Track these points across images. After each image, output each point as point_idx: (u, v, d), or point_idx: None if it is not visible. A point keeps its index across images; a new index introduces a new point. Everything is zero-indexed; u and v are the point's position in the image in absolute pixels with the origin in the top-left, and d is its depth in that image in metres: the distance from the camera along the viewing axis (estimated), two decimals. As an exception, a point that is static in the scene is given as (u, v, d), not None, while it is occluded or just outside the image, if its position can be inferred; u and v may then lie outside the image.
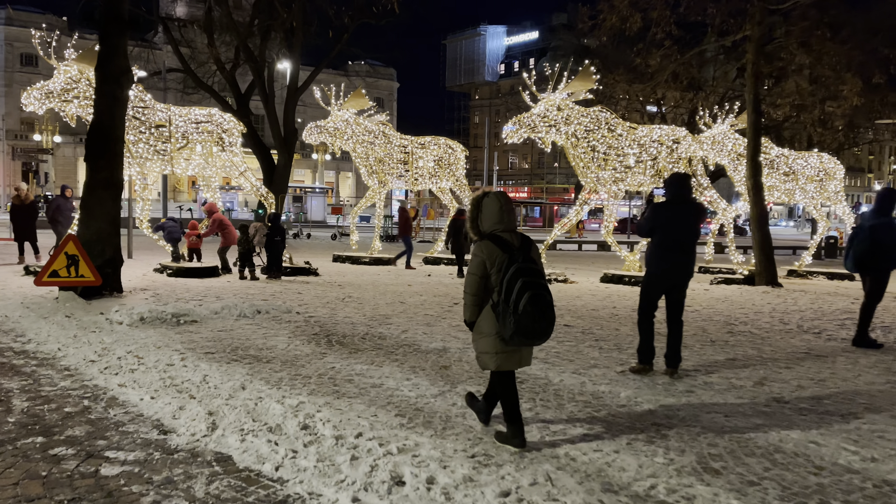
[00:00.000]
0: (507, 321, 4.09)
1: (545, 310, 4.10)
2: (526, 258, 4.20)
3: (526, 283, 4.07)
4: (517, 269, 4.11)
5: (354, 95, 17.60)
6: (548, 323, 4.13)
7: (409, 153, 18.39)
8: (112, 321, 8.45)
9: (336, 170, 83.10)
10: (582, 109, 14.77)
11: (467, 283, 4.36)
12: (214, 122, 14.54)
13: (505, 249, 4.19)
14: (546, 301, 4.13)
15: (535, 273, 4.17)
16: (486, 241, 4.27)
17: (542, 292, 4.13)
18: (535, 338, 4.14)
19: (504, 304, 4.12)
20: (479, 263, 4.26)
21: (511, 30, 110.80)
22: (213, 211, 14.59)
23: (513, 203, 4.48)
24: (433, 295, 12.05)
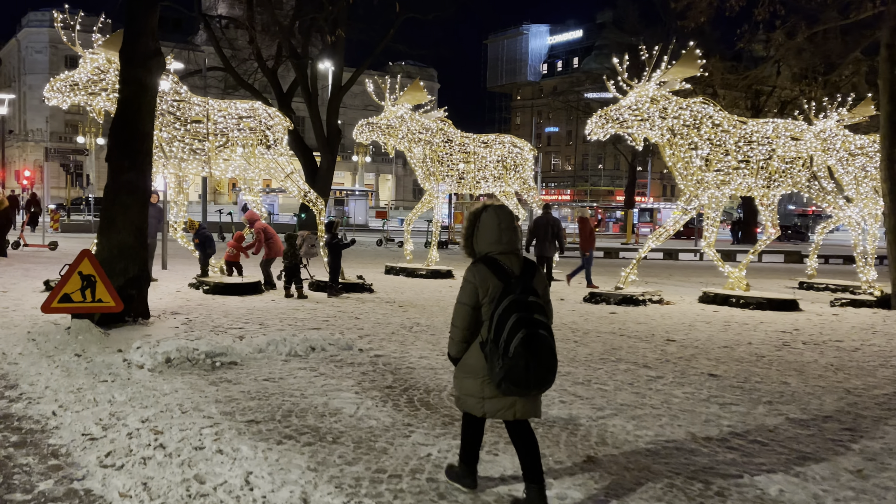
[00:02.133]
0: (496, 365, 3.46)
1: (542, 354, 3.42)
2: (525, 288, 3.52)
3: (521, 320, 3.41)
4: (511, 301, 3.45)
5: (411, 88, 15.72)
6: (546, 370, 3.46)
7: (471, 153, 16.44)
8: (131, 364, 6.65)
9: (376, 171, 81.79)
10: (681, 101, 12.62)
11: (455, 314, 3.73)
12: (258, 118, 12.80)
13: (500, 276, 3.55)
14: (544, 343, 3.44)
15: (533, 307, 3.48)
16: (480, 264, 3.64)
17: (540, 331, 3.44)
18: (528, 387, 3.47)
19: (493, 343, 3.47)
20: (471, 291, 3.64)
21: (554, 28, 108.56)
22: (254, 220, 12.84)
23: (515, 220, 3.83)
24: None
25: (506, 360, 3.38)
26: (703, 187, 12.59)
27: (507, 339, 3.38)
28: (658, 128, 12.54)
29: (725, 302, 12.65)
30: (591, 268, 15.48)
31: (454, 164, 16.35)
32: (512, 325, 3.39)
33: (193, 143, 12.30)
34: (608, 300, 12.39)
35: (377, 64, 53.06)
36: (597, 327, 9.64)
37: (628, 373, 6.92)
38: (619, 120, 12.55)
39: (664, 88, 12.61)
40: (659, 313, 11.35)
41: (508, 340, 3.38)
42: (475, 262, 3.68)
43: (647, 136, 12.82)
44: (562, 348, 8.02)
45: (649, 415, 5.50)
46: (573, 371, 6.92)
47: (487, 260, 3.63)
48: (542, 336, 3.44)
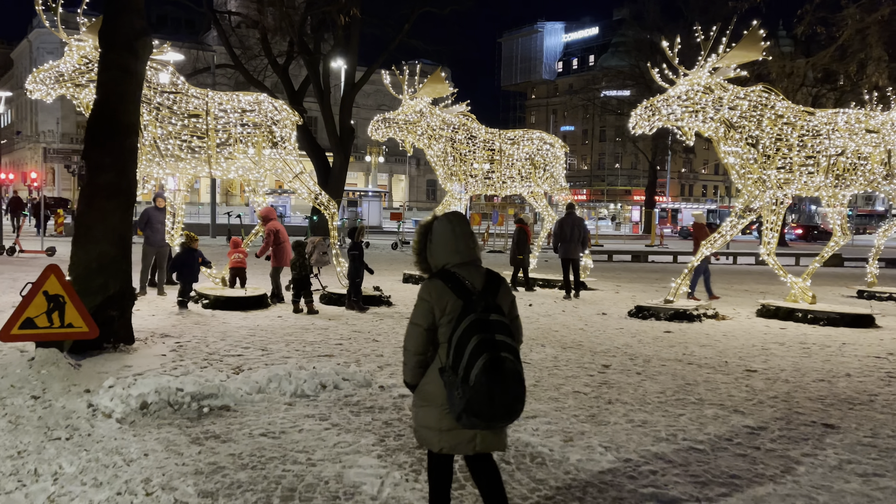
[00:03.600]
0: (455, 394, 2.98)
1: (507, 381, 2.94)
2: (489, 306, 3.06)
3: (483, 343, 2.94)
4: (472, 322, 2.98)
5: (431, 80, 14.36)
6: (513, 399, 2.99)
7: (496, 150, 15.05)
8: (97, 410, 5.33)
9: (389, 172, 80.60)
10: (738, 90, 11.15)
11: (407, 336, 3.25)
12: (263, 112, 11.48)
13: (460, 293, 3.09)
14: (509, 368, 2.95)
15: (496, 327, 3.00)
16: (436, 279, 3.17)
17: (505, 355, 2.96)
18: (492, 420, 2.99)
19: (451, 370, 3.00)
20: (425, 310, 3.15)
21: (569, 26, 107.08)
22: (269, 217, 11.54)
23: (470, 227, 3.30)
24: (561, 345, 8.63)
25: (466, 389, 2.95)
26: (763, 187, 11.12)
27: (467, 365, 2.96)
28: (712, 120, 11.09)
29: (790, 316, 11.17)
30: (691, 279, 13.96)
31: (479, 163, 14.98)
32: (473, 350, 2.95)
33: (192, 139, 11.01)
34: (658, 315, 10.96)
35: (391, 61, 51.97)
36: (657, 352, 8.22)
37: (719, 421, 5.51)
38: (667, 112, 11.12)
39: (717, 75, 11.16)
40: (719, 331, 9.90)
41: (469, 367, 2.95)
42: (430, 278, 3.24)
43: (699, 130, 11.37)
44: (625, 383, 6.60)
45: (775, 496, 4.09)
46: (650, 419, 5.51)
47: (444, 274, 3.20)
48: (507, 360, 2.98)
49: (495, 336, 2.99)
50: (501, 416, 3.01)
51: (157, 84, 10.87)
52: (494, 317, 3.05)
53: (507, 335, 3.04)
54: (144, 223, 11.60)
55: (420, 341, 3.20)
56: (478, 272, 3.23)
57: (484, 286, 3.17)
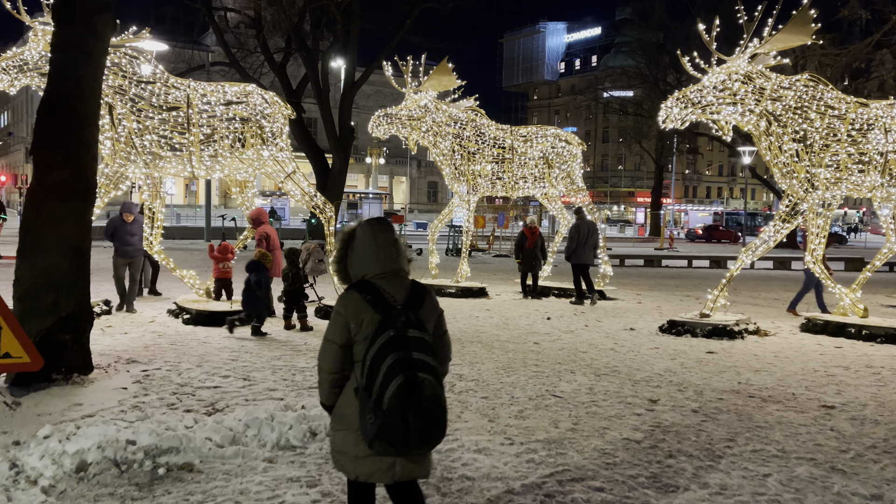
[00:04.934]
0: (367, 418, 2.71)
1: (425, 405, 2.67)
2: (409, 321, 2.79)
3: (399, 363, 2.68)
4: (389, 339, 2.72)
5: (437, 72, 13.19)
6: (432, 425, 2.70)
7: (507, 149, 13.88)
8: (21, 473, 4.15)
9: (390, 174, 79.46)
10: (782, 79, 9.98)
11: (321, 353, 2.94)
12: (252, 105, 10.30)
13: (378, 306, 2.81)
14: (426, 392, 2.67)
15: (414, 345, 2.73)
16: (353, 291, 2.89)
17: (423, 376, 2.68)
18: (406, 447, 2.71)
19: (364, 392, 2.73)
20: (341, 326, 2.86)
21: (571, 26, 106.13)
22: (260, 220, 10.35)
23: (395, 234, 3.00)
24: (593, 372, 7.43)
25: (379, 413, 2.64)
26: (810, 187, 9.93)
27: (380, 386, 2.65)
28: (751, 113, 9.92)
29: (841, 332, 9.97)
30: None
31: (488, 162, 13.80)
32: (387, 370, 2.65)
33: (172, 135, 9.83)
34: (693, 331, 9.76)
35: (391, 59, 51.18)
36: (707, 380, 7.02)
37: (819, 486, 4.31)
38: (702, 103, 9.94)
39: (756, 63, 9.99)
40: (769, 351, 8.70)
41: (383, 389, 2.65)
42: (348, 290, 2.94)
43: (738, 124, 10.20)
44: (683, 426, 5.40)
45: None
46: (729, 482, 4.31)
47: (363, 286, 2.89)
48: (425, 382, 2.67)
49: (413, 355, 2.72)
50: (417, 443, 2.72)
51: (133, 73, 9.70)
52: (414, 333, 2.78)
53: (428, 354, 2.76)
54: (111, 234, 10.33)
55: (334, 359, 2.90)
56: (401, 284, 2.94)
57: (406, 300, 2.89)
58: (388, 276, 2.94)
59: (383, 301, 2.84)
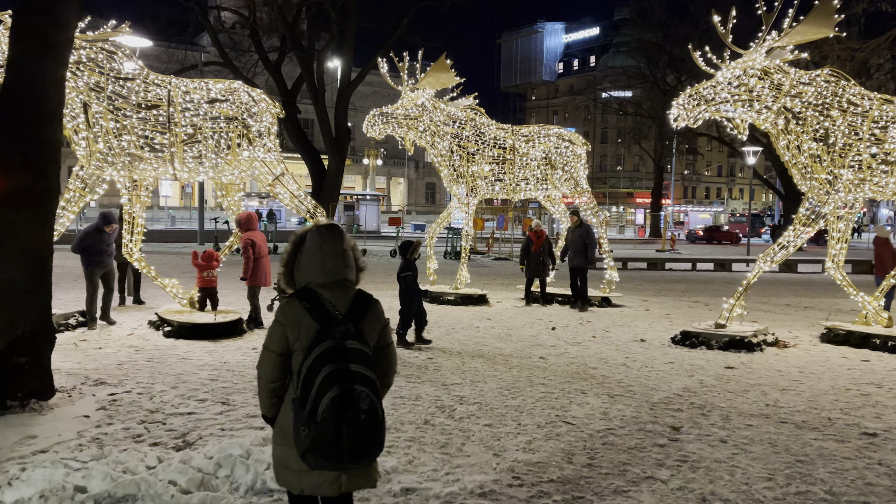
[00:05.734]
0: (301, 430, 2.62)
1: (359, 418, 2.59)
2: (348, 332, 2.71)
3: (334, 375, 2.60)
4: (326, 350, 2.65)
5: (435, 68, 12.59)
6: (367, 438, 2.63)
7: (508, 149, 13.27)
8: (-54, 530, 3.53)
9: (387, 175, 78.84)
10: (801, 74, 9.39)
11: (260, 362, 2.87)
12: (238, 102, 9.69)
13: (318, 315, 2.75)
14: (361, 405, 2.60)
15: (352, 356, 2.66)
16: (294, 300, 2.81)
17: (359, 389, 2.61)
18: (340, 461, 2.62)
19: (299, 403, 2.65)
20: (279, 334, 2.80)
21: (570, 26, 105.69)
22: (248, 226, 9.73)
23: (345, 241, 2.91)
24: (606, 392, 6.81)
25: (312, 425, 2.57)
26: (832, 189, 9.34)
27: (315, 398, 2.58)
28: (769, 110, 9.32)
29: (865, 343, 9.37)
30: None
31: (488, 163, 13.19)
32: (322, 381, 2.59)
33: (153, 135, 9.21)
34: (709, 343, 9.15)
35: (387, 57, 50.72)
36: (731, 402, 6.41)
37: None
38: (716, 101, 9.34)
39: (772, 57, 9.39)
40: (792, 366, 8.10)
41: (316, 401, 2.58)
42: (290, 297, 2.85)
43: (754, 123, 9.60)
44: (712, 461, 4.78)
45: None
46: (777, 537, 3.70)
47: (305, 294, 2.82)
48: (360, 394, 2.60)
49: (350, 366, 2.65)
50: (350, 457, 2.64)
51: (111, 69, 9.08)
52: (353, 344, 2.71)
53: (366, 366, 2.69)
54: (82, 248, 9.48)
55: (272, 369, 2.83)
56: (344, 294, 2.87)
57: (349, 310, 2.83)
58: (332, 285, 2.84)
59: (323, 310, 2.77)
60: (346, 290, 2.87)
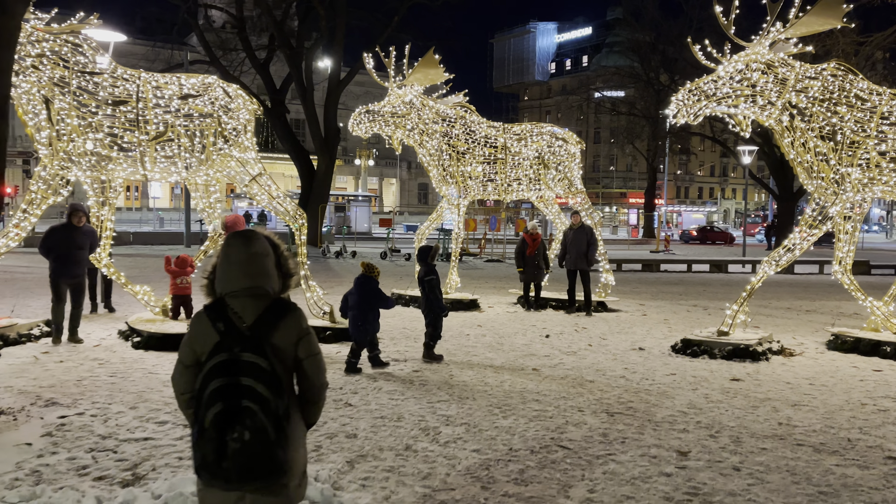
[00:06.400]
0: (193, 446, 2.54)
1: (244, 439, 2.43)
2: (247, 345, 2.56)
3: (222, 390, 2.48)
4: (218, 363, 2.54)
5: (423, 64, 12.06)
6: (254, 459, 2.45)
7: (500, 148, 12.76)
8: None
9: (380, 176, 78.22)
10: (807, 68, 8.91)
11: (173, 374, 2.77)
12: (213, 98, 9.13)
13: (220, 327, 2.61)
14: (248, 423, 2.44)
15: (248, 371, 2.51)
16: (202, 310, 2.72)
17: (248, 405, 2.46)
18: (227, 482, 2.48)
19: (194, 418, 2.59)
20: (188, 346, 2.69)
21: (562, 26, 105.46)
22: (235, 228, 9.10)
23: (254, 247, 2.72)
24: (605, 410, 6.30)
25: (200, 441, 2.47)
26: (839, 189, 8.87)
27: (203, 413, 2.49)
28: (772, 106, 8.84)
29: (875, 351, 8.90)
30: None
31: (478, 163, 12.68)
32: (208, 396, 2.48)
33: (122, 133, 8.65)
34: (711, 352, 8.66)
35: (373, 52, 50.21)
36: (741, 420, 5.90)
37: None
38: (717, 96, 8.85)
39: (777, 51, 8.92)
40: (801, 377, 7.61)
41: (204, 416, 2.48)
42: (203, 307, 2.73)
43: (757, 119, 9.12)
44: (726, 492, 4.27)
45: None
46: None
47: (215, 304, 2.70)
48: (247, 411, 2.45)
49: (241, 381, 2.49)
50: (237, 478, 2.46)
51: (76, 63, 8.52)
52: (249, 357, 2.53)
53: (261, 381, 2.50)
54: (48, 249, 8.52)
55: (185, 381, 2.69)
56: (254, 304, 2.67)
57: (256, 321, 2.63)
58: (240, 294, 2.68)
59: (227, 321, 2.64)
60: (256, 300, 2.69)
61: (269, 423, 2.48)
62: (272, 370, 2.56)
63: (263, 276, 2.71)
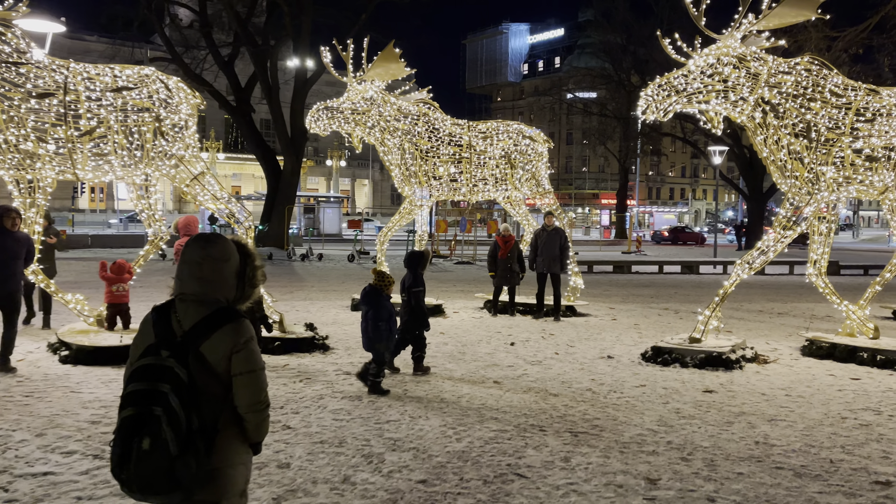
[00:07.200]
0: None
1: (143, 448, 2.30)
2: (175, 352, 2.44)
3: (134, 395, 2.39)
4: (140, 367, 2.46)
5: (383, 57, 11.49)
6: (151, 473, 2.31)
7: (465, 146, 12.24)
8: None
9: (352, 177, 77.28)
10: (780, 62, 8.54)
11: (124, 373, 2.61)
12: (151, 91, 8.45)
13: (157, 330, 2.54)
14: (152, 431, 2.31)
15: (167, 377, 2.39)
16: (151, 310, 2.66)
17: (157, 413, 2.32)
18: (130, 491, 2.36)
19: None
20: (134, 347, 2.59)
21: (535, 27, 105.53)
22: (188, 230, 8.49)
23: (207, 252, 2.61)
24: (569, 430, 5.79)
25: (112, 446, 2.38)
26: (814, 189, 8.50)
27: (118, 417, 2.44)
28: (745, 101, 8.45)
29: (852, 357, 8.54)
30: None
31: (443, 162, 12.14)
32: (124, 399, 2.41)
33: (50, 128, 7.94)
34: (683, 360, 8.22)
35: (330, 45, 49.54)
36: (715, 440, 5.43)
37: None
38: (687, 91, 8.43)
39: (749, 44, 8.52)
40: (776, 388, 7.19)
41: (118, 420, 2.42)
42: (153, 307, 2.68)
43: (730, 116, 8.72)
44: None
45: None
46: None
47: (165, 305, 2.63)
48: (154, 419, 2.31)
49: (158, 386, 2.36)
50: (137, 489, 2.34)
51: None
52: (172, 364, 2.41)
53: (175, 389, 2.36)
54: None
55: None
56: (196, 309, 2.55)
57: (192, 328, 2.51)
58: (188, 298, 2.59)
59: (165, 325, 2.57)
60: (200, 306, 2.56)
61: (173, 437, 2.32)
62: (189, 382, 2.41)
63: (215, 282, 2.58)
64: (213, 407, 2.45)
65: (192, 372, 2.42)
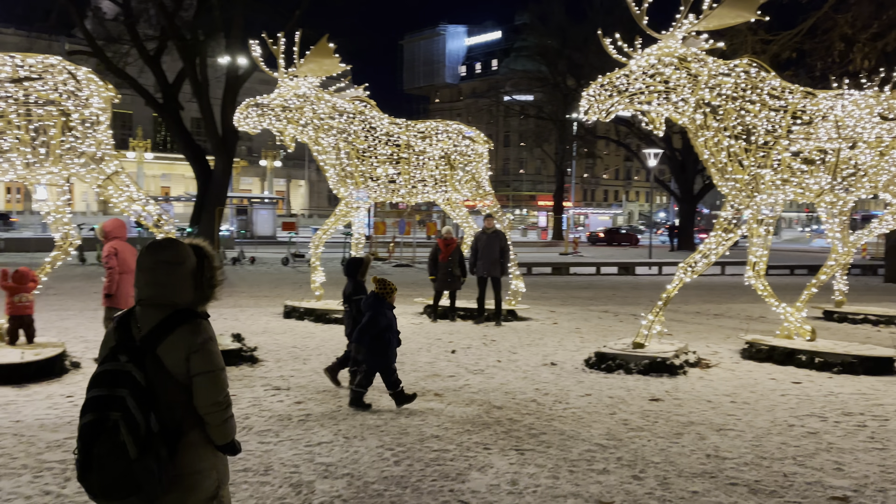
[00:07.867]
0: None
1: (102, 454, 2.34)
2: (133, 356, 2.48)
3: (93, 401, 2.42)
4: (99, 373, 2.49)
5: (316, 52, 10.98)
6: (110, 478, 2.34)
7: (403, 146, 11.83)
8: None
9: (287, 177, 75.61)
10: (720, 63, 8.49)
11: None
12: (56, 83, 7.69)
13: (118, 336, 2.57)
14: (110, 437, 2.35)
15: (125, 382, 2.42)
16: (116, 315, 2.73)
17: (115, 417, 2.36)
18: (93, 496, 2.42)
19: None
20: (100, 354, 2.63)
21: (472, 30, 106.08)
22: (116, 233, 7.72)
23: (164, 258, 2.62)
24: (514, 446, 5.45)
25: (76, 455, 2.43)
26: (752, 192, 8.48)
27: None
28: (686, 103, 8.36)
29: (790, 360, 8.55)
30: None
31: (380, 162, 11.69)
32: (84, 405, 2.43)
33: (-60, 123, 7.10)
34: (627, 366, 8.03)
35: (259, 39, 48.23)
36: (665, 453, 5.19)
37: None
38: (629, 91, 8.28)
39: (689, 45, 8.44)
40: (721, 393, 7.08)
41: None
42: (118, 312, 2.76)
43: (671, 117, 8.62)
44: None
45: None
46: None
47: (129, 311, 2.65)
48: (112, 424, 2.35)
49: (116, 392, 2.40)
50: (100, 494, 2.39)
51: None
52: (129, 368, 2.45)
53: (133, 393, 2.39)
54: None
55: None
56: (154, 314, 2.57)
57: (149, 331, 2.53)
58: (146, 302, 2.59)
59: (125, 330, 2.57)
60: (157, 309, 2.57)
61: (131, 441, 2.34)
62: (147, 385, 2.43)
63: (170, 286, 2.58)
64: (174, 410, 2.45)
65: (149, 375, 2.44)
